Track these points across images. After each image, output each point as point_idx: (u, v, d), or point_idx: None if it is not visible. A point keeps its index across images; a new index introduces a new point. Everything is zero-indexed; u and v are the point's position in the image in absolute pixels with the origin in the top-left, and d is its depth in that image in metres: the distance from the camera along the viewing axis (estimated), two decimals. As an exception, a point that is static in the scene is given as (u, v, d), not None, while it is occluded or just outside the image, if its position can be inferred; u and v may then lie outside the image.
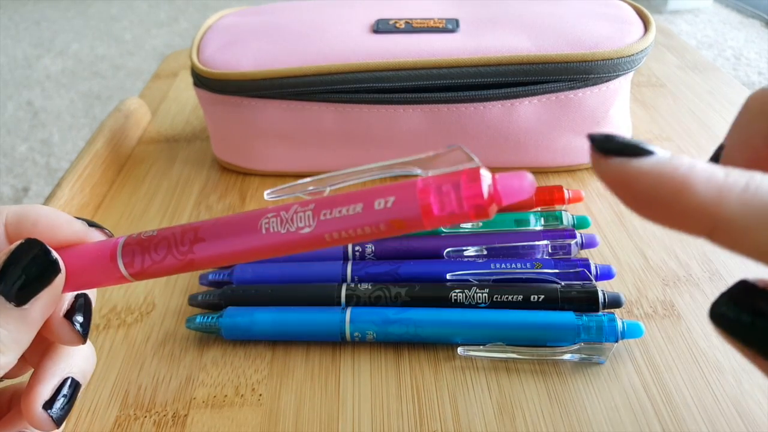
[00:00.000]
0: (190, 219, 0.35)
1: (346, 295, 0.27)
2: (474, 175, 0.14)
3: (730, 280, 0.28)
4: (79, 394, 0.19)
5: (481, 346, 0.25)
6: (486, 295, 0.26)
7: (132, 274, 0.17)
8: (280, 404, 0.24)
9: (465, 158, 0.15)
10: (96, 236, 0.19)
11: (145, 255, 0.17)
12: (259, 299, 0.27)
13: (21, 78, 1.48)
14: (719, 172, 0.12)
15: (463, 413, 0.23)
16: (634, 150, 0.13)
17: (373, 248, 0.29)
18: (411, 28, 0.35)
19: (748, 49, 1.23)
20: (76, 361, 0.19)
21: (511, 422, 0.23)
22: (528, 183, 0.14)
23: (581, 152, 0.36)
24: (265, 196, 0.18)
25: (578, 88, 0.33)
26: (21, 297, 0.16)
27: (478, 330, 0.25)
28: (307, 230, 0.15)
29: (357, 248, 0.29)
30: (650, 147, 0.13)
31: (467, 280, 0.27)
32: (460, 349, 0.25)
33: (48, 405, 0.17)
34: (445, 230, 0.30)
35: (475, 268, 0.27)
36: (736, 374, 0.24)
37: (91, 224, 0.19)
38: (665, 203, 0.12)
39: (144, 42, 1.62)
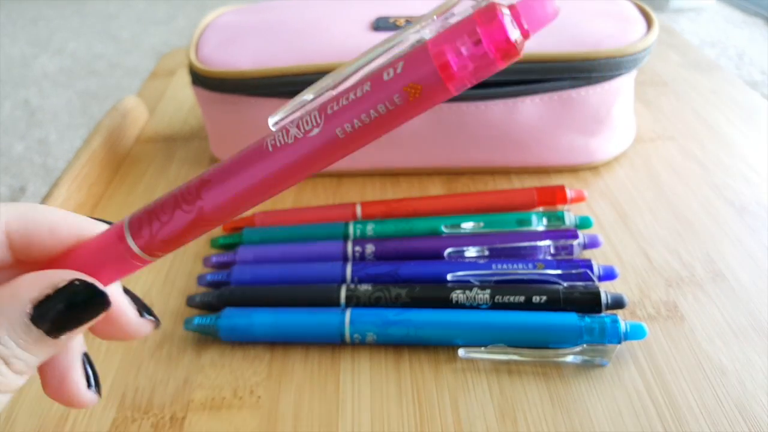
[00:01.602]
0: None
1: (346, 296, 0.26)
2: (489, 13, 0.12)
3: (734, 282, 0.28)
4: None
5: (483, 348, 0.25)
6: (487, 296, 0.26)
7: (144, 248, 0.15)
8: (278, 406, 0.24)
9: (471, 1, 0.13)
10: (97, 226, 0.18)
11: (153, 221, 0.15)
12: (258, 300, 0.27)
13: (18, 77, 1.47)
14: None
15: (464, 416, 0.23)
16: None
17: (373, 248, 0.29)
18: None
19: (751, 47, 1.23)
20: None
21: (512, 425, 0.23)
22: (551, 4, 0.12)
23: (584, 152, 0.36)
24: (270, 124, 0.15)
25: (581, 86, 0.33)
26: (59, 331, 0.15)
27: (479, 331, 0.25)
28: (316, 131, 0.13)
29: (357, 249, 0.29)
30: None
31: (468, 281, 0.27)
32: (461, 351, 0.25)
33: (88, 384, 0.17)
34: (445, 230, 0.30)
35: (476, 268, 0.27)
36: (740, 376, 0.24)
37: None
38: None
39: (141, 40, 1.62)
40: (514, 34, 0.12)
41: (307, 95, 0.14)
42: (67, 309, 0.15)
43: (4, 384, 0.15)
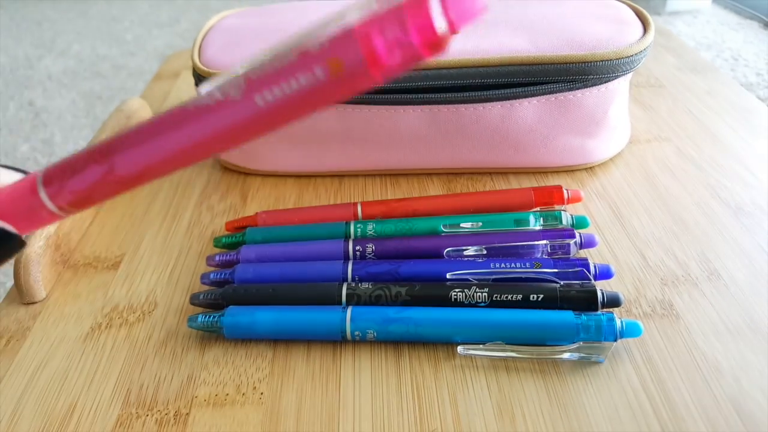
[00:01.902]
0: (191, 219, 0.36)
1: (347, 295, 0.27)
2: (418, 3, 0.12)
3: (729, 280, 0.28)
4: None
5: (481, 345, 0.25)
6: (486, 294, 0.26)
7: (53, 198, 0.15)
8: (281, 403, 0.25)
9: None
10: (13, 177, 0.17)
11: (65, 172, 0.15)
12: (261, 298, 0.27)
13: (22, 78, 1.48)
14: None
15: (462, 411, 0.24)
16: None
17: (373, 248, 0.29)
18: (411, 29, 0.35)
19: (746, 50, 1.23)
20: None
21: (510, 421, 0.23)
22: (479, 1, 0.12)
23: (580, 153, 0.36)
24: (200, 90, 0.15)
25: (577, 89, 0.33)
26: None
27: (477, 329, 0.25)
28: (235, 94, 0.13)
29: (357, 248, 0.29)
30: None
31: (467, 280, 0.27)
32: (459, 348, 0.26)
33: None
34: (444, 230, 0.30)
35: (474, 267, 0.27)
36: (735, 374, 0.24)
37: (22, 171, 0.17)
38: None
39: (145, 42, 1.63)
40: (441, 24, 0.12)
41: (238, 67, 0.14)
42: None
43: None
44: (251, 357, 0.27)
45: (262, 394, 0.25)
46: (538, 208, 0.32)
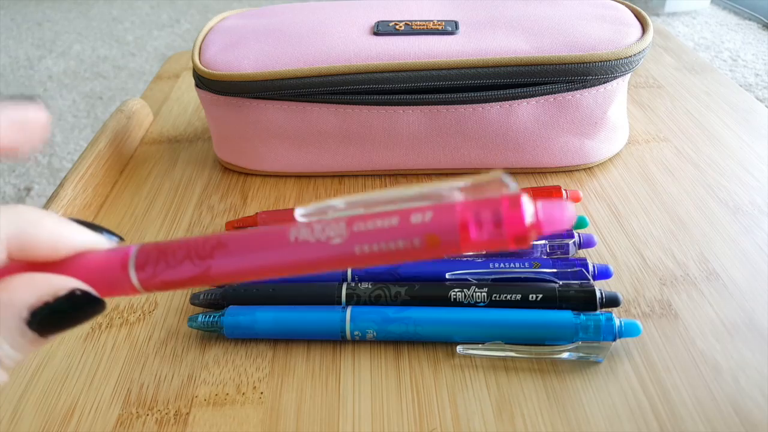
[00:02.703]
0: (191, 219, 0.36)
1: (347, 294, 0.27)
2: (515, 202, 0.14)
3: (727, 280, 0.29)
4: None
5: (480, 345, 0.26)
6: (485, 294, 0.26)
7: (142, 282, 0.16)
8: (281, 402, 0.25)
9: (503, 185, 0.14)
10: (104, 243, 0.17)
11: (160, 262, 0.16)
12: (261, 298, 0.27)
13: (23, 78, 1.48)
14: None
15: (462, 410, 0.24)
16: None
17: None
18: (411, 30, 0.35)
19: (744, 50, 1.23)
20: None
21: (509, 420, 0.23)
22: (569, 214, 0.14)
23: (579, 153, 0.36)
24: (297, 215, 0.16)
25: (576, 89, 0.33)
26: (53, 332, 0.15)
27: (477, 329, 0.25)
28: (337, 240, 0.15)
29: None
30: None
31: (466, 280, 0.27)
32: (459, 348, 0.26)
33: None
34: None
35: (474, 267, 0.28)
36: (734, 373, 0.24)
37: (98, 228, 0.17)
38: None
39: (146, 43, 1.63)
40: (530, 223, 0.14)
41: (337, 202, 0.16)
42: (65, 315, 0.15)
43: None
44: (251, 357, 0.27)
45: (262, 393, 0.25)
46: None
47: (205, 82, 0.35)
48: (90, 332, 0.29)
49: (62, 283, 0.15)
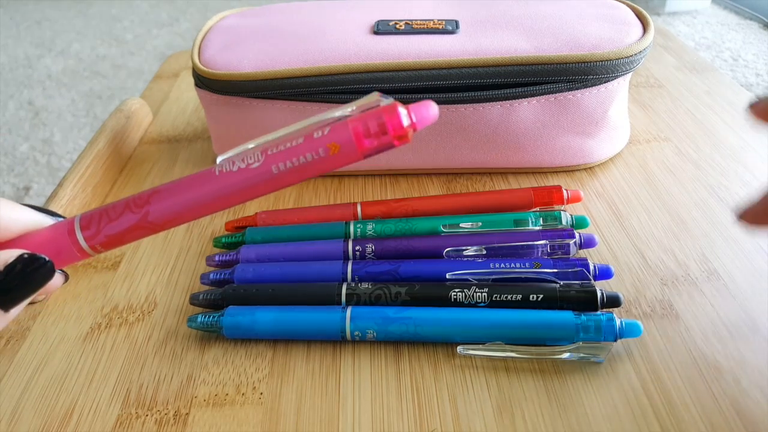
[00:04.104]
0: (191, 219, 0.36)
1: (347, 295, 0.27)
2: (393, 110, 0.18)
3: (728, 280, 0.29)
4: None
5: (481, 345, 0.25)
6: (485, 294, 0.26)
7: (88, 240, 0.18)
8: (281, 403, 0.25)
9: (380, 101, 0.18)
10: (48, 222, 0.19)
11: (102, 218, 0.18)
12: (260, 298, 0.27)
13: (22, 77, 1.48)
14: None
15: (462, 411, 0.24)
16: None
17: (373, 248, 0.29)
18: (411, 29, 0.35)
19: (745, 50, 1.23)
20: None
21: (510, 421, 0.23)
22: (434, 110, 0.18)
23: (580, 153, 0.36)
24: (218, 160, 0.19)
25: (577, 89, 0.33)
26: (10, 305, 0.17)
27: (477, 329, 0.25)
28: (256, 164, 0.18)
29: (357, 248, 0.29)
30: None
31: (467, 280, 0.27)
32: (459, 348, 0.26)
33: None
34: (444, 230, 0.30)
35: (474, 267, 0.27)
36: (735, 374, 0.24)
37: (51, 213, 0.19)
38: None
39: (145, 42, 1.63)
40: (407, 125, 0.18)
41: (250, 144, 0.19)
42: (17, 280, 0.17)
43: None
44: (251, 357, 0.27)
45: (261, 393, 0.25)
46: (537, 208, 0.32)
47: (204, 82, 0.35)
48: (89, 332, 0.29)
49: (10, 253, 0.17)
